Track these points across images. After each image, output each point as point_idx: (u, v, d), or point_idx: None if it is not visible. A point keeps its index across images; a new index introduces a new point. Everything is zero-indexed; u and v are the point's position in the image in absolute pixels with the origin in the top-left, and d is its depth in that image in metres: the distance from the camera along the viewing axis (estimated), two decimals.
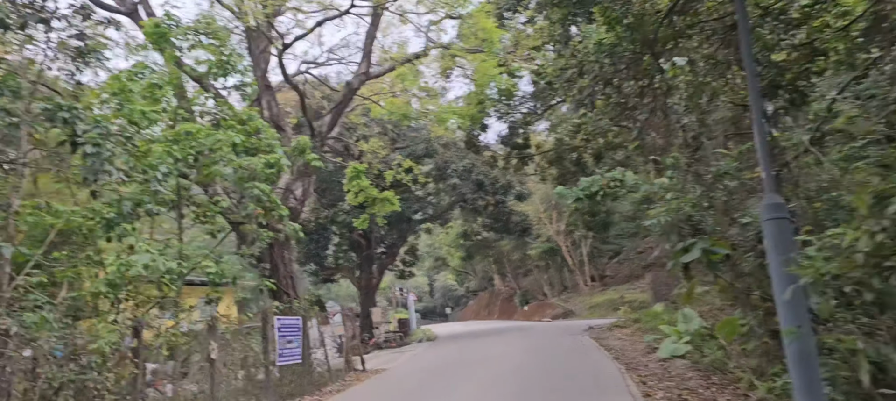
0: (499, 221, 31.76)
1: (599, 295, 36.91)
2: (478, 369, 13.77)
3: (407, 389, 12.11)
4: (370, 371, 16.76)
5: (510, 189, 30.31)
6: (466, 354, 18.69)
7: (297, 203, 15.24)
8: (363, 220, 22.26)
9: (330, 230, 31.16)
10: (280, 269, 14.78)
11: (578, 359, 13.52)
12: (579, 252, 40.48)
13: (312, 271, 31.88)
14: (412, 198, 30.15)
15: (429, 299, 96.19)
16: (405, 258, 35.36)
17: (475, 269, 63.50)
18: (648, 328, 17.78)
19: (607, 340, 17.55)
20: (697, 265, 6.39)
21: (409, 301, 42.84)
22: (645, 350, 13.89)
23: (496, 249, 47.24)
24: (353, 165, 19.89)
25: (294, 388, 12.53)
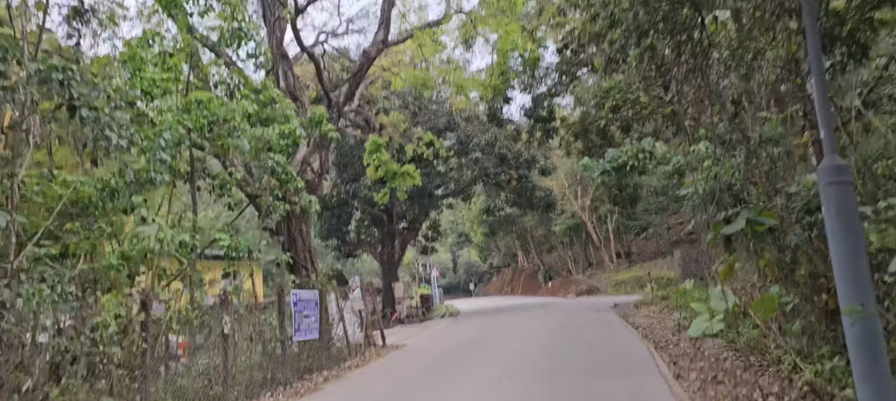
0: (522, 197, 31.16)
1: (625, 272, 36.19)
2: (500, 346, 13.39)
3: (426, 366, 11.78)
4: (390, 347, 16.52)
5: (534, 164, 29.63)
6: (489, 330, 18.33)
7: (314, 176, 14.91)
8: (383, 194, 21.97)
9: (352, 205, 30.97)
10: (298, 242, 14.52)
11: (604, 337, 13.03)
12: (605, 228, 39.69)
13: (335, 246, 31.81)
14: (434, 173, 29.71)
15: (452, 275, 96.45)
16: (427, 234, 35.08)
17: (498, 245, 63.10)
18: (677, 306, 17.16)
19: (634, 317, 16.99)
20: (740, 239, 5.81)
21: (433, 277, 42.72)
22: (674, 328, 13.33)
23: (519, 224, 46.70)
24: (372, 139, 19.52)
25: (312, 362, 12.31)
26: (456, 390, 8.46)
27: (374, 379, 10.91)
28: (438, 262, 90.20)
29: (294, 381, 10.91)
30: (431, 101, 27.43)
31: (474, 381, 9.08)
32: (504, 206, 35.51)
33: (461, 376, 9.73)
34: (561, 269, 47.38)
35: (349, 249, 31.71)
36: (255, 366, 10.18)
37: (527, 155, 29.30)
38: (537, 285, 47.94)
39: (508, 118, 25.98)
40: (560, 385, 7.95)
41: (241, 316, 9.83)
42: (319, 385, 10.80)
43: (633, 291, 31.82)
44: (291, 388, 10.44)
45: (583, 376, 8.45)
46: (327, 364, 12.63)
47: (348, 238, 31.86)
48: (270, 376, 10.43)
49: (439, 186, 29.56)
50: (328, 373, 11.99)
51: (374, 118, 23.51)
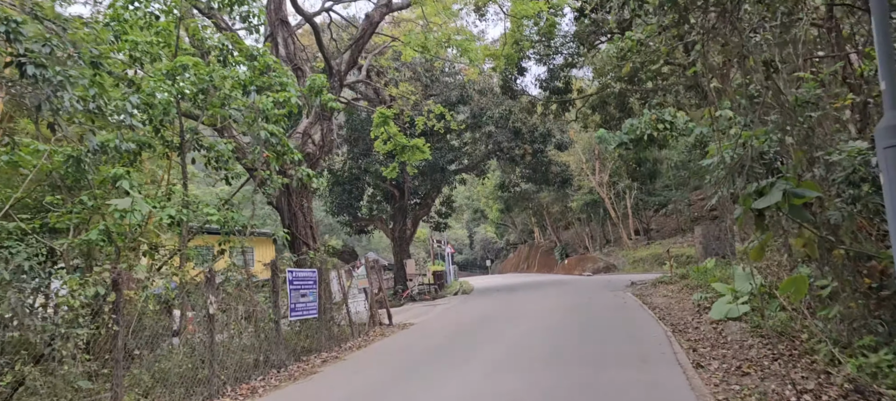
0: (537, 172, 30.27)
1: (643, 249, 35.24)
2: (509, 327, 12.74)
3: (429, 348, 11.20)
4: (397, 326, 16.00)
5: (549, 138, 28.68)
6: (500, 309, 17.72)
7: (315, 148, 14.25)
8: (392, 169, 21.31)
9: (363, 180, 30.40)
10: (299, 218, 13.94)
11: (619, 319, 12.30)
12: (623, 204, 38.66)
13: (346, 222, 31.33)
14: (446, 147, 28.95)
15: (469, 252, 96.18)
16: (441, 209, 34.42)
17: (514, 221, 62.31)
18: (697, 285, 16.34)
19: (651, 297, 16.21)
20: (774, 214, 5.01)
21: (446, 253, 42.22)
22: (694, 310, 12.55)
23: (535, 201, 45.80)
24: (379, 110, 18.78)
25: (311, 343, 11.81)
26: (456, 378, 7.84)
27: (374, 362, 10.35)
28: (455, 238, 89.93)
29: (290, 363, 10.41)
30: (443, 73, 26.54)
31: (477, 367, 8.45)
32: (519, 181, 34.62)
33: (463, 361, 9.11)
34: (578, 246, 46.51)
35: (361, 224, 31.23)
36: (247, 348, 9.67)
37: (542, 129, 28.35)
38: (553, 263, 47.18)
39: (522, 89, 24.92)
40: (567, 375, 7.27)
41: (231, 295, 9.29)
42: (316, 367, 10.29)
43: (652, 269, 30.93)
44: (286, 371, 9.94)
45: (593, 364, 7.76)
46: (327, 345, 12.13)
47: (360, 214, 31.37)
48: (264, 358, 9.92)
49: (452, 161, 28.78)
50: (327, 354, 11.48)
51: (383, 90, 22.73)
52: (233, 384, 8.73)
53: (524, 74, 24.30)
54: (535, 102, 24.91)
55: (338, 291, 13.87)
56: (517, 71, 23.94)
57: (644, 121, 13.17)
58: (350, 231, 32.18)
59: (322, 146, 14.51)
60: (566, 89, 24.42)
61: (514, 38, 21.70)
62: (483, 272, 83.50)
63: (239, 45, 11.88)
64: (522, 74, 24.41)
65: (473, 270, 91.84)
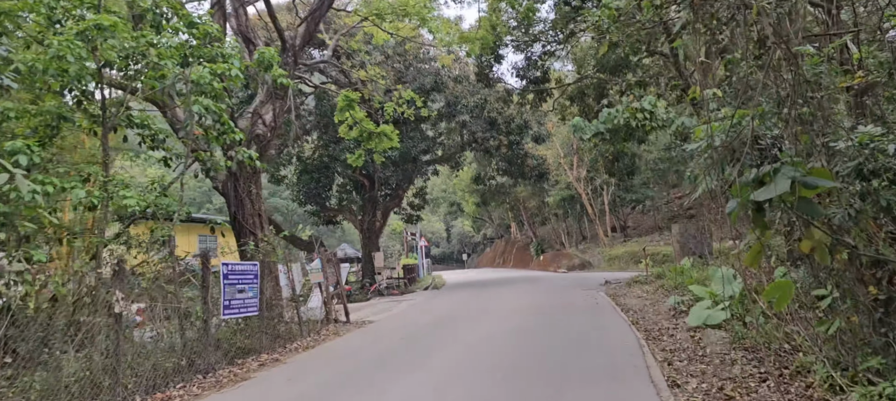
0: (513, 165, 29.29)
1: (619, 247, 34.59)
2: (471, 329, 11.73)
3: (380, 352, 10.14)
4: (355, 324, 14.90)
5: (526, 129, 27.70)
6: (466, 307, 16.74)
7: (266, 129, 13.02)
8: (358, 156, 20.12)
9: (333, 169, 29.13)
10: (246, 205, 12.73)
11: (589, 322, 11.36)
12: (600, 201, 37.97)
13: (313, 212, 30.02)
14: (419, 137, 27.82)
15: (446, 245, 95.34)
16: (413, 201, 33.26)
17: (491, 216, 61.50)
18: (674, 287, 15.54)
19: (625, 298, 15.35)
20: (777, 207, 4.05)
21: (419, 246, 41.16)
22: (670, 314, 11.68)
23: (512, 195, 44.94)
24: (344, 93, 17.61)
25: (252, 343, 10.66)
26: (398, 392, 6.78)
27: (314, 367, 9.25)
28: (431, 232, 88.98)
29: (221, 367, 9.26)
30: (417, 58, 25.35)
31: (426, 378, 7.41)
32: (495, 174, 33.61)
33: (413, 369, 8.07)
34: (554, 242, 45.81)
35: (329, 215, 29.94)
36: (166, 352, 8.49)
37: (519, 120, 27.37)
38: (529, 258, 46.43)
39: (499, 77, 23.84)
40: (524, 394, 6.26)
41: (148, 291, 8.10)
42: (250, 372, 9.15)
43: (628, 267, 30.27)
44: (213, 376, 8.78)
45: (555, 379, 6.76)
46: (270, 346, 10.99)
47: (328, 204, 30.08)
48: (188, 362, 8.75)
49: (426, 151, 27.64)
50: (267, 356, 10.34)
51: (352, 72, 21.50)
52: (144, 394, 7.56)
53: (501, 62, 23.22)
54: (510, 91, 23.89)
55: (287, 285, 12.70)
56: (493, 58, 22.86)
57: (622, 110, 12.21)
58: (318, 222, 30.86)
59: (274, 127, 13.30)
60: (544, 79, 23.46)
61: (490, 21, 20.64)
62: (459, 266, 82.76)
63: (177, 10, 10.61)
64: (499, 62, 23.33)
65: (450, 263, 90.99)
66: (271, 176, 30.51)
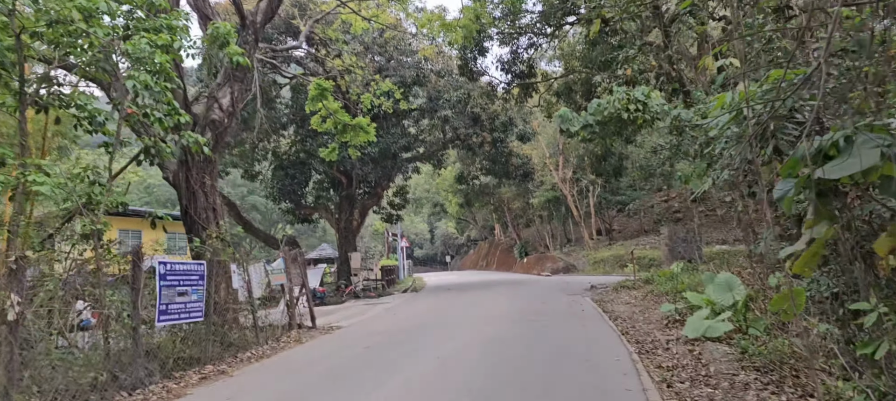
0: (497, 164, 28.23)
1: (605, 250, 33.70)
2: (444, 339, 10.62)
3: (340, 364, 9.00)
4: (321, 329, 13.71)
5: (511, 127, 26.66)
6: (443, 313, 15.64)
7: (222, 114, 11.79)
8: (332, 150, 18.90)
9: (310, 165, 27.87)
10: (199, 198, 11.49)
11: (575, 333, 10.30)
12: (585, 203, 37.06)
13: (288, 210, 28.70)
14: (400, 132, 26.66)
15: (430, 246, 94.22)
16: (394, 200, 32.07)
17: (475, 217, 60.46)
18: (664, 293, 14.57)
19: (613, 304, 14.35)
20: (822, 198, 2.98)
21: (399, 247, 40.00)
22: (662, 322, 10.68)
23: (496, 196, 43.94)
24: (316, 82, 16.39)
25: (197, 352, 9.46)
26: None
27: (262, 382, 8.07)
28: (415, 232, 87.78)
29: (155, 381, 8.04)
30: (398, 50, 24.20)
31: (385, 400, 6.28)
32: (478, 174, 32.53)
33: (373, 388, 6.93)
34: (538, 244, 44.86)
35: (305, 213, 28.63)
36: (85, 365, 7.26)
37: (503, 117, 26.33)
38: (513, 261, 45.44)
39: (483, 70, 22.74)
40: None
41: (54, 293, 6.86)
42: (189, 388, 7.94)
43: (613, 270, 29.37)
44: (142, 393, 7.56)
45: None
46: (219, 355, 9.79)
47: (304, 201, 28.80)
48: (111, 376, 7.52)
49: (407, 147, 26.46)
50: (213, 368, 9.14)
51: (327, 59, 20.29)
52: None
53: (485, 55, 22.19)
54: (494, 85, 22.83)
55: (243, 288, 11.48)
56: (477, 50, 21.81)
57: (613, 100, 11.19)
58: (292, 219, 29.53)
59: (231, 113, 12.07)
60: (530, 73, 22.48)
61: (474, 11, 19.55)
62: (443, 268, 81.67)
63: None
64: (483, 55, 22.30)
65: (434, 265, 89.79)
66: (245, 172, 29.19)
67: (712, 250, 24.23)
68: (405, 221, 73.40)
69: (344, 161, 26.34)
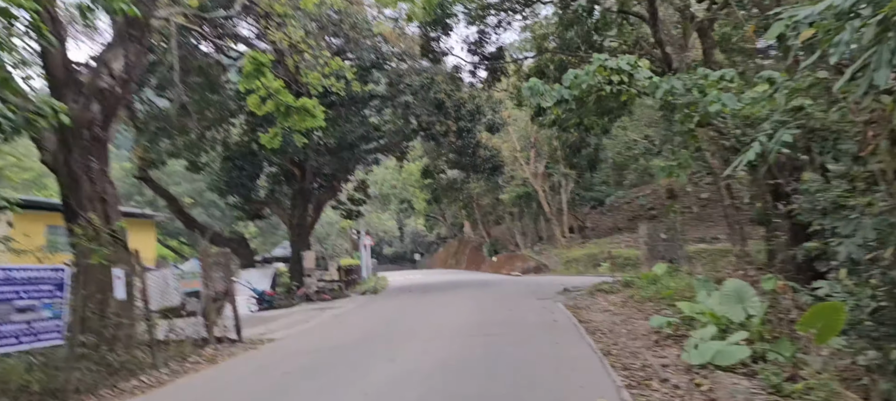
0: (464, 156, 26.22)
1: (578, 249, 32.05)
2: (387, 358, 8.59)
3: (244, 396, 6.89)
4: (247, 343, 11.52)
5: (479, 116, 24.66)
6: (396, 321, 13.63)
7: (113, 82, 9.50)
8: (274, 136, 16.63)
9: (261, 156, 25.42)
10: (83, 184, 9.19)
11: (544, 352, 8.36)
12: (558, 199, 35.38)
13: (235, 204, 26.22)
14: (359, 121, 24.45)
15: (399, 244, 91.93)
16: (354, 195, 29.83)
17: (445, 214, 58.52)
18: (647, 298, 12.78)
19: (589, 312, 12.49)
20: None
21: (361, 245, 37.80)
22: (650, 337, 8.84)
23: (465, 192, 41.99)
24: (251, 55, 14.16)
25: (58, 383, 7.22)
26: None
27: None
28: (384, 230, 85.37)
29: None
30: (355, 29, 21.96)
31: None
32: (445, 167, 30.48)
33: None
34: (509, 242, 43.10)
35: (254, 208, 26.19)
36: None
37: (471, 105, 24.32)
38: (482, 259, 43.61)
39: (448, 50, 20.63)
40: None
41: None
42: None
43: (587, 270, 27.71)
44: None
45: None
46: (91, 385, 7.57)
47: (254, 195, 26.35)
48: None
49: (364, 136, 24.24)
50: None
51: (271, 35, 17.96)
52: None
53: (449, 34, 20.16)
54: (459, 68, 20.85)
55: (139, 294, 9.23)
56: (440, 28, 19.76)
57: (592, 71, 9.28)
58: (242, 215, 27.04)
59: (126, 80, 9.78)
60: (499, 55, 20.55)
61: None
62: (412, 266, 79.53)
63: None
64: (447, 34, 20.25)
65: (403, 263, 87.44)
66: (191, 164, 26.59)
67: (691, 250, 22.73)
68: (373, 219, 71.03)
69: (297, 152, 24.05)
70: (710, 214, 33.86)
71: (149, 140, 21.22)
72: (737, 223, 16.10)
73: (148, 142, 21.29)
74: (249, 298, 22.58)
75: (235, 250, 28.01)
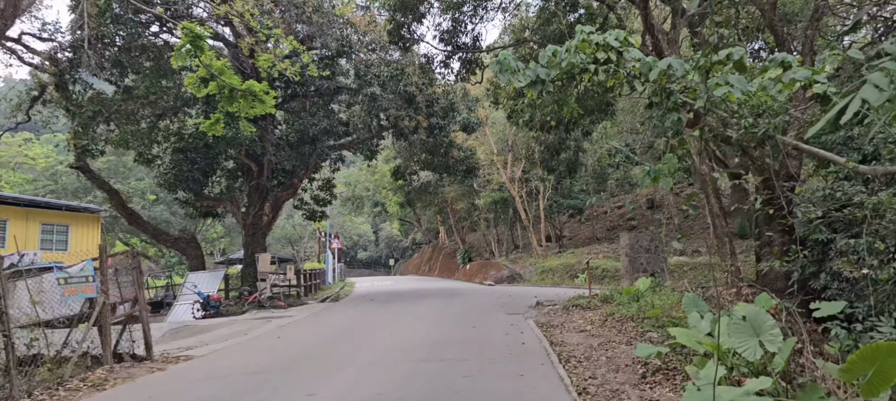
0: (436, 156, 24.52)
1: (554, 258, 30.53)
2: (306, 391, 6.80)
3: None
4: (156, 361, 9.65)
5: (453, 113, 23.00)
6: (341, 338, 11.86)
7: None
8: (215, 122, 14.69)
9: (217, 149, 23.38)
10: None
11: (504, 389, 6.67)
12: (535, 206, 33.85)
13: (186, 200, 24.13)
14: (322, 114, 22.62)
15: (374, 249, 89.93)
16: (318, 195, 27.92)
17: (420, 219, 56.66)
18: (629, 317, 11.20)
19: (563, 332, 10.86)
20: None
21: (328, 249, 35.90)
22: (635, 369, 7.23)
23: (440, 196, 40.27)
24: (184, 25, 12.28)
25: None
26: None
27: None
28: (359, 234, 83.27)
29: None
30: (319, 12, 20.15)
31: None
32: (415, 168, 28.70)
33: None
34: (484, 250, 41.45)
35: (206, 205, 24.12)
36: None
37: (444, 101, 22.66)
38: (456, 267, 41.88)
39: (420, 37, 18.86)
40: None
41: None
42: None
43: (563, 281, 26.18)
44: None
45: None
46: None
47: (206, 190, 24.29)
48: None
49: (328, 131, 22.37)
50: None
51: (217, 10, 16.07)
52: None
53: (422, 21, 18.46)
54: (431, 58, 19.17)
55: None
56: (412, 15, 18.06)
57: (575, 45, 7.64)
58: (193, 213, 24.92)
59: None
60: (474, 46, 18.93)
61: None
62: (387, 271, 77.54)
63: None
64: (420, 22, 18.55)
65: (378, 268, 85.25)
66: (140, 155, 24.43)
67: (672, 262, 21.32)
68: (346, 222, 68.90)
69: (253, 145, 22.15)
70: (691, 226, 32.65)
71: (82, 124, 19.06)
72: (726, 235, 14.68)
73: (81, 126, 19.13)
74: (194, 304, 20.58)
75: (183, 250, 25.95)
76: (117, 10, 18.49)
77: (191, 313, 20.27)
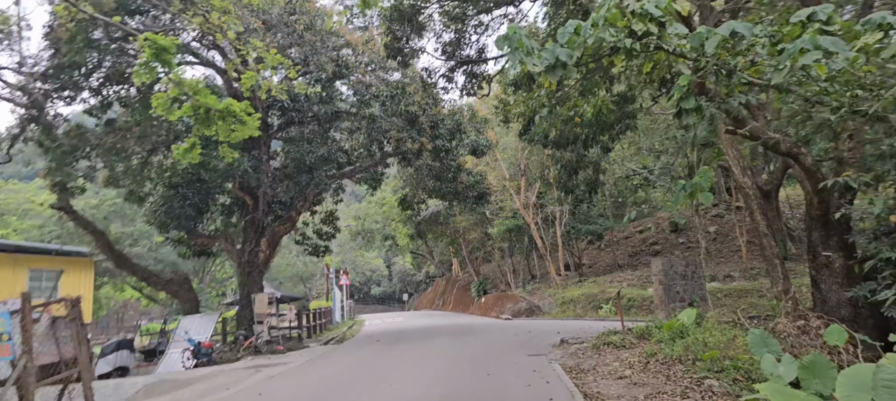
0: (444, 182, 22.78)
1: (574, 288, 28.41)
2: None
3: None
4: None
5: (461, 135, 21.36)
6: (339, 390, 10.00)
7: None
8: (189, 148, 13.08)
9: (211, 184, 21.89)
10: None
11: None
12: (552, 232, 31.86)
13: (179, 239, 22.57)
14: (319, 141, 21.09)
15: (387, 284, 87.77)
16: (321, 228, 26.25)
17: (432, 252, 54.75)
18: (676, 358, 9.22)
19: (599, 380, 8.88)
20: None
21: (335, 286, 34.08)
22: None
23: (451, 226, 38.43)
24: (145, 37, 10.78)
25: None
26: None
27: None
28: (372, 269, 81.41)
29: None
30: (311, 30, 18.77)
31: None
32: (423, 196, 26.99)
33: None
34: (499, 281, 39.35)
35: (200, 243, 22.51)
36: None
37: (450, 122, 21.05)
38: (470, 300, 39.77)
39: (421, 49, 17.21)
40: None
41: None
42: None
43: (585, 313, 24.05)
44: None
45: None
46: None
47: (202, 229, 22.75)
48: None
49: (326, 158, 20.79)
50: None
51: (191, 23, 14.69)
52: None
53: (422, 34, 16.95)
54: (432, 72, 17.58)
55: None
56: (411, 27, 16.54)
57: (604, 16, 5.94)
58: (186, 253, 23.29)
59: None
60: (479, 58, 17.36)
61: None
62: (401, 307, 75.32)
63: None
64: (420, 35, 17.03)
65: (392, 303, 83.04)
66: (130, 193, 23.01)
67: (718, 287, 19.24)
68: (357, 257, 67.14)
69: (247, 176, 20.61)
70: (720, 250, 30.45)
71: (55, 159, 17.60)
72: (777, 258, 12.67)
73: (55, 161, 17.67)
74: (184, 352, 18.82)
75: (175, 293, 24.25)
76: (97, 35, 17.26)
77: (182, 362, 18.54)
